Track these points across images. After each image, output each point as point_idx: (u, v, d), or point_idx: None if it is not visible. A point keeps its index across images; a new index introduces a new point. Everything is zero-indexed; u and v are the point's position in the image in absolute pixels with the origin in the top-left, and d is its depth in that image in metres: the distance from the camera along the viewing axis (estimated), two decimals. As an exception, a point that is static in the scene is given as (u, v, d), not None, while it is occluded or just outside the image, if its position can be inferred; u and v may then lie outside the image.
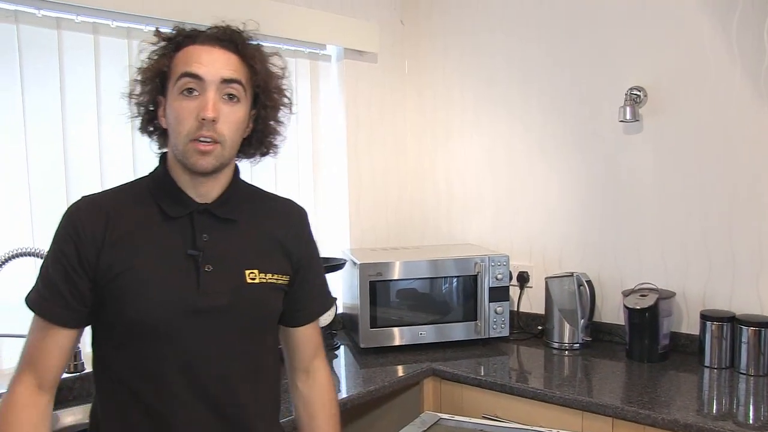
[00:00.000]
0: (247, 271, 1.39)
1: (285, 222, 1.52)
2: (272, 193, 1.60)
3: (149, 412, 1.32)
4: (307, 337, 1.57)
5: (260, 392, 1.45)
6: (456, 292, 2.69)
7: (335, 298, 1.67)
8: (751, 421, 1.87)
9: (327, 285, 1.64)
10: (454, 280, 2.68)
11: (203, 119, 1.28)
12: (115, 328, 1.32)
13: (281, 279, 1.46)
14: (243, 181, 1.51)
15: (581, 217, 2.79)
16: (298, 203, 1.60)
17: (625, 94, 2.57)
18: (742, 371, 2.31)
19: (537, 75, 2.87)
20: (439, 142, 3.26)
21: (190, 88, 1.30)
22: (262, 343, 1.45)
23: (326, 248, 3.07)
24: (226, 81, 1.31)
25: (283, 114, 1.49)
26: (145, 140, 1.45)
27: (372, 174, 3.19)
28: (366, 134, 3.16)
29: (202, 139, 1.29)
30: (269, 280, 1.42)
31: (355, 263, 2.64)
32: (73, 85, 2.19)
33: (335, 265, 2.74)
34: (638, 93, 2.57)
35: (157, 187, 1.39)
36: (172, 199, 1.37)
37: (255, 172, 2.72)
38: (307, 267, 1.53)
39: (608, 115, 2.67)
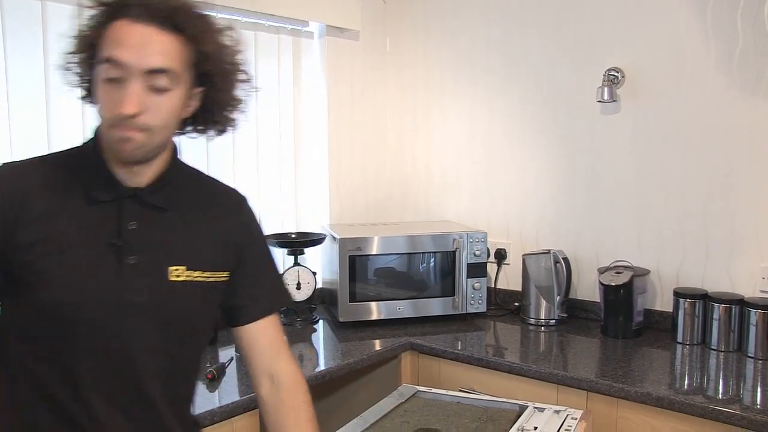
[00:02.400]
0: (172, 268, 1.26)
1: (224, 211, 1.38)
2: (213, 179, 1.43)
3: (54, 408, 1.20)
4: (262, 336, 1.42)
5: (178, 394, 1.34)
6: (434, 268, 2.72)
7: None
8: (720, 396, 1.92)
9: (281, 279, 1.54)
10: (433, 255, 2.70)
11: (121, 114, 1.13)
12: (22, 314, 1.20)
13: (215, 276, 1.33)
14: (182, 163, 1.35)
15: (559, 196, 2.82)
16: (240, 191, 1.45)
17: (603, 75, 2.60)
18: (713, 347, 2.37)
19: (516, 56, 2.89)
20: (419, 121, 3.27)
21: (112, 77, 1.13)
22: (186, 344, 1.32)
23: (306, 224, 3.09)
24: (153, 71, 1.14)
25: (240, 90, 1.32)
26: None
27: (352, 151, 3.20)
28: (347, 111, 3.16)
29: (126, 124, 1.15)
30: (197, 279, 1.29)
31: (335, 238, 2.65)
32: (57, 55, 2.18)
33: (315, 239, 2.75)
34: (616, 74, 2.60)
35: (86, 166, 1.24)
36: (99, 181, 1.23)
37: (236, 148, 2.73)
38: (252, 259, 1.40)
39: (586, 95, 2.70)
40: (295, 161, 3.02)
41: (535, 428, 1.86)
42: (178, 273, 1.26)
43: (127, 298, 1.21)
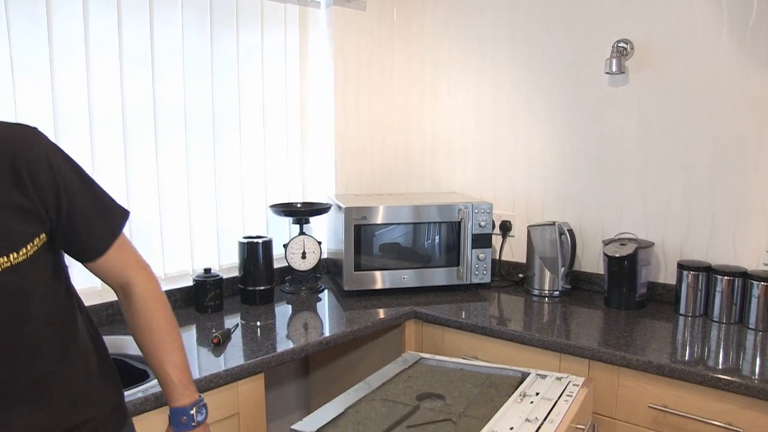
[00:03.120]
0: None
1: (12, 163, 1.11)
2: None
3: None
4: (111, 261, 1.34)
5: (49, 372, 1.24)
6: (439, 238, 2.73)
7: (126, 211, 1.36)
8: (720, 365, 1.94)
9: (105, 199, 1.32)
10: (438, 226, 2.72)
11: None
12: None
13: (31, 248, 1.14)
14: None
15: (565, 168, 2.83)
16: (28, 125, 1.19)
17: (612, 47, 2.59)
18: (714, 319, 2.38)
19: (524, 27, 2.88)
20: (425, 92, 3.27)
21: None
22: (24, 325, 1.17)
23: (312, 195, 3.10)
24: None
25: None
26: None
27: (358, 122, 3.20)
28: (353, 82, 3.16)
29: None
30: (6, 266, 1.10)
31: (340, 207, 2.67)
32: (61, 26, 2.18)
33: (320, 208, 2.76)
34: (625, 45, 2.59)
35: None
36: None
37: (243, 117, 2.74)
38: (67, 201, 1.19)
39: (594, 67, 2.69)
40: (301, 132, 3.02)
41: (537, 394, 1.88)
42: None
43: None
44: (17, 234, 1.12)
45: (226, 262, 2.73)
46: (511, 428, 1.67)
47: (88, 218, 1.27)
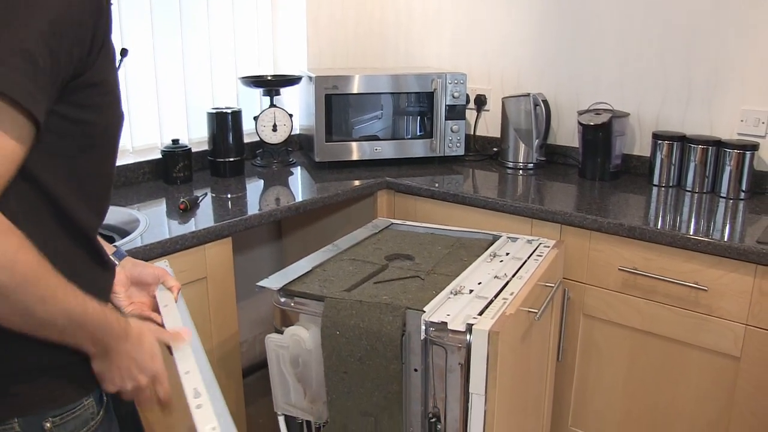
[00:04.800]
0: None
1: None
2: None
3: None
4: None
5: None
6: (412, 110, 2.67)
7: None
8: (692, 231, 1.92)
9: None
10: (411, 96, 2.65)
11: None
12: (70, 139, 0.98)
13: None
14: None
15: (540, 38, 2.75)
16: None
17: None
18: (688, 188, 2.37)
19: None
20: (400, -38, 3.14)
21: None
22: None
23: (283, 68, 3.01)
24: None
25: None
26: None
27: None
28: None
29: None
30: None
31: (311, 78, 2.59)
32: None
33: (291, 79, 2.69)
34: None
35: None
36: None
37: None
38: None
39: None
40: (272, 2, 2.90)
41: (507, 254, 1.88)
42: None
43: None
44: None
45: (196, 136, 2.66)
46: (479, 283, 1.67)
47: None
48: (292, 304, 1.65)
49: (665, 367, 2.02)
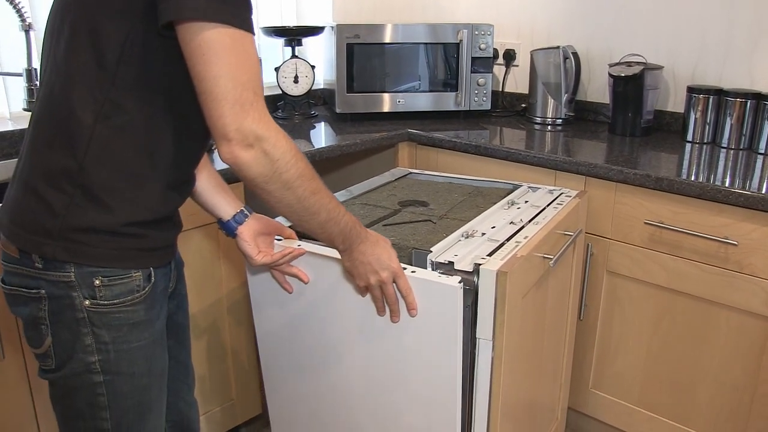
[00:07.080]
0: None
1: None
2: None
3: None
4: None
5: None
6: (437, 62, 2.58)
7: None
8: (727, 185, 1.81)
9: None
10: (436, 48, 2.56)
11: None
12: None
13: None
14: None
15: (575, -9, 2.64)
16: None
17: None
18: (723, 145, 2.26)
19: None
20: None
21: None
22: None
23: (309, 20, 2.95)
24: None
25: None
26: None
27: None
28: None
29: None
30: None
31: (332, 28, 2.52)
32: None
33: (313, 28, 2.63)
34: None
35: None
36: None
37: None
38: None
39: None
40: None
41: (526, 202, 1.80)
42: None
43: None
44: None
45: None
46: (493, 227, 1.60)
47: None
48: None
49: (691, 327, 1.93)
